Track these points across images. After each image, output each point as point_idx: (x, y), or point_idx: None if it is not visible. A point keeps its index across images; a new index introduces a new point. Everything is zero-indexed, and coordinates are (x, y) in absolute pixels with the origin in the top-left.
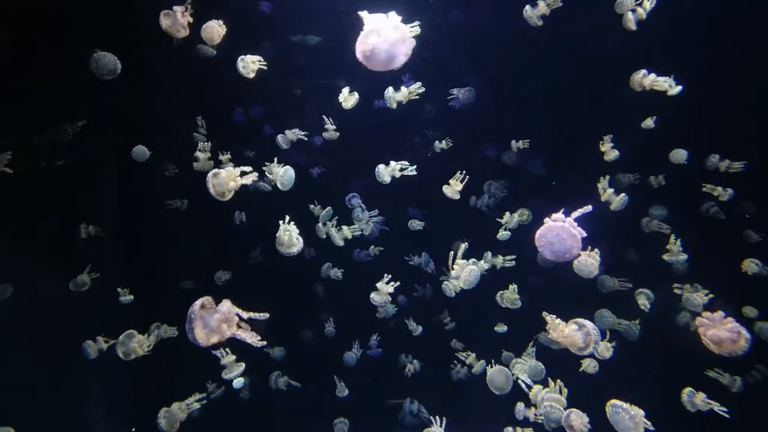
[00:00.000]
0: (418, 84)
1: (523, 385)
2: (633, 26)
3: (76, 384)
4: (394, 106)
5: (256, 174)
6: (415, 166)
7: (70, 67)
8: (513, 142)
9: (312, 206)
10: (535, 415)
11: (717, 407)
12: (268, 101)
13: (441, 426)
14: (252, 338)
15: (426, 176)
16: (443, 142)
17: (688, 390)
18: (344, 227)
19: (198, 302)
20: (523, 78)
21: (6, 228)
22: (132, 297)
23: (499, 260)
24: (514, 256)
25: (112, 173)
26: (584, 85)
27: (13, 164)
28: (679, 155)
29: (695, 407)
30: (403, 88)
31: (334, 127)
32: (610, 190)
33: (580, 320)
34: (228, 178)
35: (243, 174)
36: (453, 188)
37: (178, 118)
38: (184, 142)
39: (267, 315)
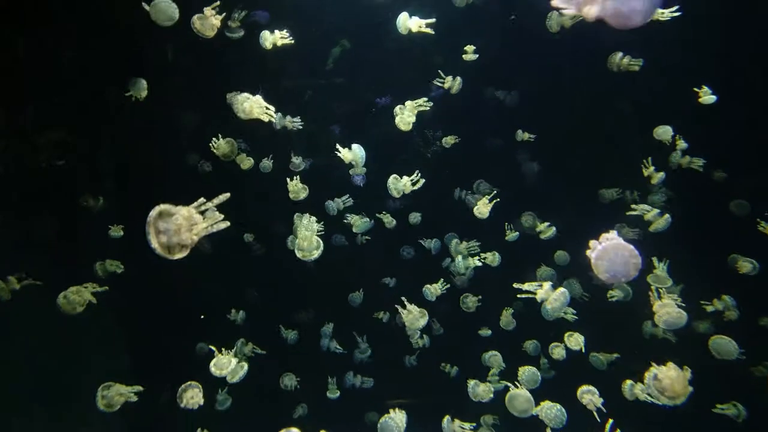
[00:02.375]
0: (424, 99)
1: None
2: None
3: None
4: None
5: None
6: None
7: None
8: (519, 131)
9: (349, 216)
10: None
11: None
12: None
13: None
14: (218, 222)
15: (427, 175)
16: (450, 137)
17: (629, 382)
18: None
19: (154, 211)
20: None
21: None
22: (122, 233)
23: (463, 247)
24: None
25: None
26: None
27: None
28: (663, 131)
29: (634, 396)
30: (408, 102)
31: (362, 166)
32: (655, 211)
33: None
34: (253, 106)
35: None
36: (482, 209)
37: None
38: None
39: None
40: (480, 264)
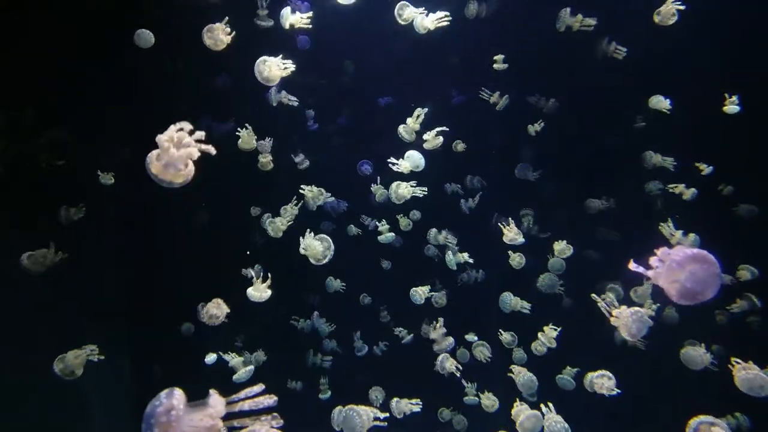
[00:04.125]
0: (420, 108)
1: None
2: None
3: None
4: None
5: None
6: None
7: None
8: (529, 126)
9: (375, 222)
10: (456, 368)
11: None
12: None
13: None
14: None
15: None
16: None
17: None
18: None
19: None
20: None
21: None
22: (112, 180)
23: (441, 237)
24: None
25: None
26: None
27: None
28: (658, 100)
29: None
30: (409, 120)
31: (381, 186)
32: (679, 232)
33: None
34: (272, 68)
35: (286, 67)
36: (510, 235)
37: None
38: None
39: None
40: (471, 261)
